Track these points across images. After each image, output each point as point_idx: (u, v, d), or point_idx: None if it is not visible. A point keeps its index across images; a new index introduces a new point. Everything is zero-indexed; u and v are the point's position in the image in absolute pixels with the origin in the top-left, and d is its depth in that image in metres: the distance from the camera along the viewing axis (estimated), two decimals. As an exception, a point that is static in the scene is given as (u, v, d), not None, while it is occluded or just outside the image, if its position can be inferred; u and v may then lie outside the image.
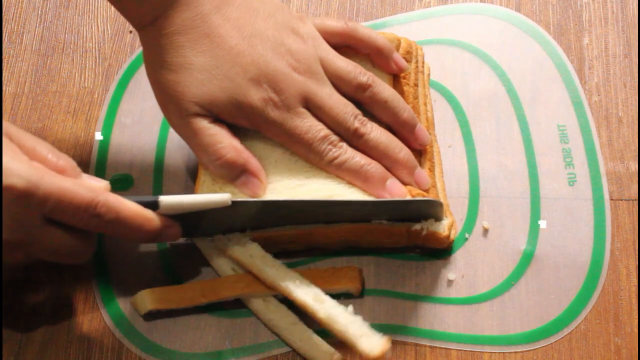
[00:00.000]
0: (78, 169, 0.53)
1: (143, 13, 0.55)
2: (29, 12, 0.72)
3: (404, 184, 0.57)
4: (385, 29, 0.69)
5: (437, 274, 0.59)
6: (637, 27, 0.67)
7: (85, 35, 0.70)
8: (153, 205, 0.53)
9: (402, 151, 0.57)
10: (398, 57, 0.60)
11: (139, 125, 0.66)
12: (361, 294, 0.58)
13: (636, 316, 0.58)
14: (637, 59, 0.66)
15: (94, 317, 0.59)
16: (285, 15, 0.57)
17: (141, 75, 0.68)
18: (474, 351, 0.57)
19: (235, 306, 0.58)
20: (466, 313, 0.58)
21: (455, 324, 0.58)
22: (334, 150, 0.56)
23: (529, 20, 0.68)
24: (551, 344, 0.57)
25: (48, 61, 0.70)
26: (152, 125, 0.66)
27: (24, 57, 0.70)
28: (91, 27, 0.71)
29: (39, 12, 0.72)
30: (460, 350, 0.57)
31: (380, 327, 0.56)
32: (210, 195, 0.54)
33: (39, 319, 0.59)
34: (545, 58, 0.66)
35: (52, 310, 0.59)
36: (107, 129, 0.66)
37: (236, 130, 0.57)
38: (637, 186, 0.62)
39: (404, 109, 0.58)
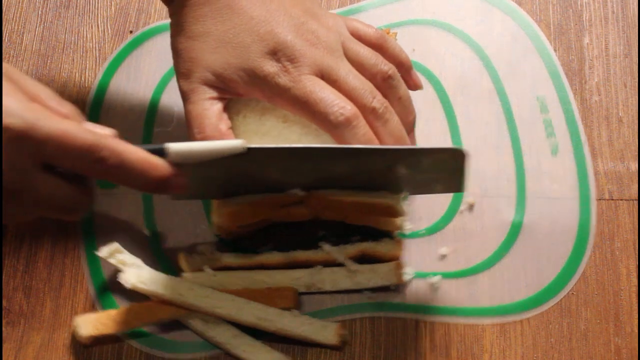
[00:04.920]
0: (81, 117, 0.50)
1: None
2: (29, 12, 0.72)
3: None
4: (360, 13, 0.69)
5: (428, 249, 0.60)
6: (637, 27, 0.67)
7: (85, 35, 0.70)
8: (160, 153, 0.50)
9: (407, 143, 0.56)
10: (416, 74, 0.60)
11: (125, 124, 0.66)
12: None
13: (636, 316, 0.58)
14: (637, 59, 0.66)
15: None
16: (315, 4, 0.57)
17: (120, 78, 0.68)
18: (472, 324, 0.58)
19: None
20: (461, 286, 0.59)
21: (451, 298, 0.58)
22: (355, 122, 0.53)
23: None
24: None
25: (48, 61, 0.70)
26: (136, 122, 0.66)
27: (24, 57, 0.70)
28: (91, 27, 0.71)
29: (39, 12, 0.72)
30: (459, 323, 0.58)
31: (380, 306, 0.58)
32: (223, 142, 0.52)
33: (38, 318, 0.60)
34: (518, 30, 0.67)
35: (52, 310, 0.60)
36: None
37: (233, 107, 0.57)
38: (637, 186, 0.62)
39: (412, 110, 0.58)
